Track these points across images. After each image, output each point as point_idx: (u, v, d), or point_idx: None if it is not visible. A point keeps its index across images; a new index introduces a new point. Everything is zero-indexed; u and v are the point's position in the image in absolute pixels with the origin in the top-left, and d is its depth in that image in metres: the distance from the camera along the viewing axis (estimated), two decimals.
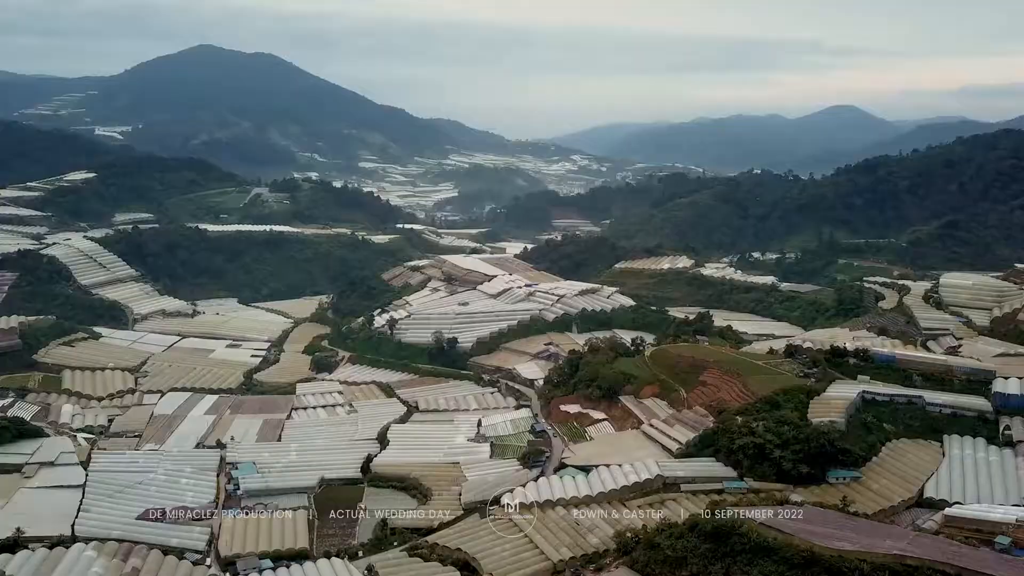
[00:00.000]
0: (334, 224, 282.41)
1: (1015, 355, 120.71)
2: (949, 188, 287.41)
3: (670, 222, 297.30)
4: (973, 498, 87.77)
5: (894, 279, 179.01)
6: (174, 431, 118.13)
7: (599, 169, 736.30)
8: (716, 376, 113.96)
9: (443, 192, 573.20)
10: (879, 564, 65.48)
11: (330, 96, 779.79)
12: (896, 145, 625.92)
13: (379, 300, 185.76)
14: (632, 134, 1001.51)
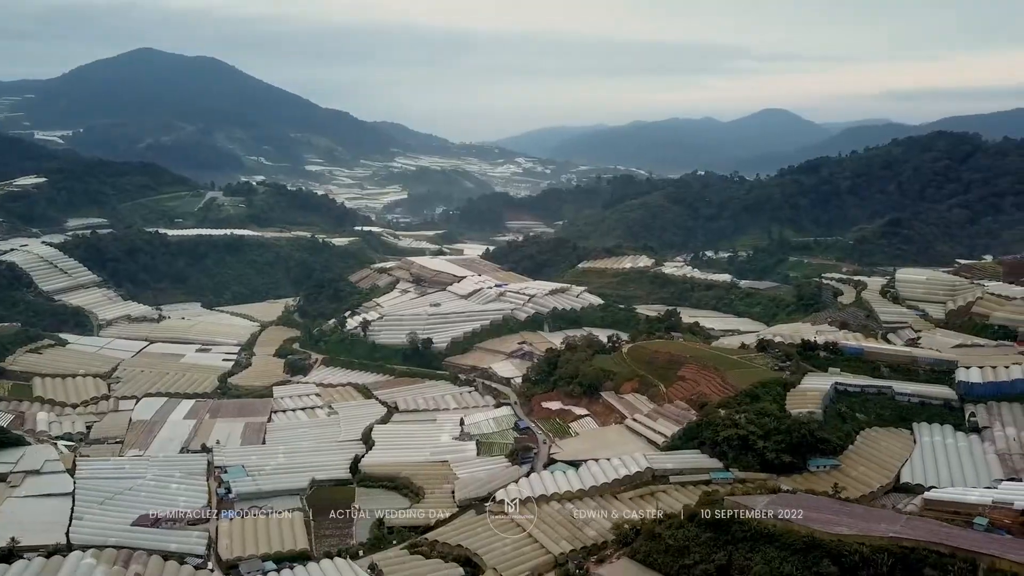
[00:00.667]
0: (291, 227, 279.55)
1: (972, 346, 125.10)
2: (888, 188, 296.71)
3: (623, 223, 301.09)
4: (947, 482, 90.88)
5: (849, 275, 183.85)
6: (156, 436, 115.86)
7: (544, 171, 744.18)
8: (694, 371, 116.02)
9: (391, 194, 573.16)
10: (877, 547, 67.31)
11: (275, 100, 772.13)
12: (826, 147, 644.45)
13: (347, 302, 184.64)
14: (572, 137, 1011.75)
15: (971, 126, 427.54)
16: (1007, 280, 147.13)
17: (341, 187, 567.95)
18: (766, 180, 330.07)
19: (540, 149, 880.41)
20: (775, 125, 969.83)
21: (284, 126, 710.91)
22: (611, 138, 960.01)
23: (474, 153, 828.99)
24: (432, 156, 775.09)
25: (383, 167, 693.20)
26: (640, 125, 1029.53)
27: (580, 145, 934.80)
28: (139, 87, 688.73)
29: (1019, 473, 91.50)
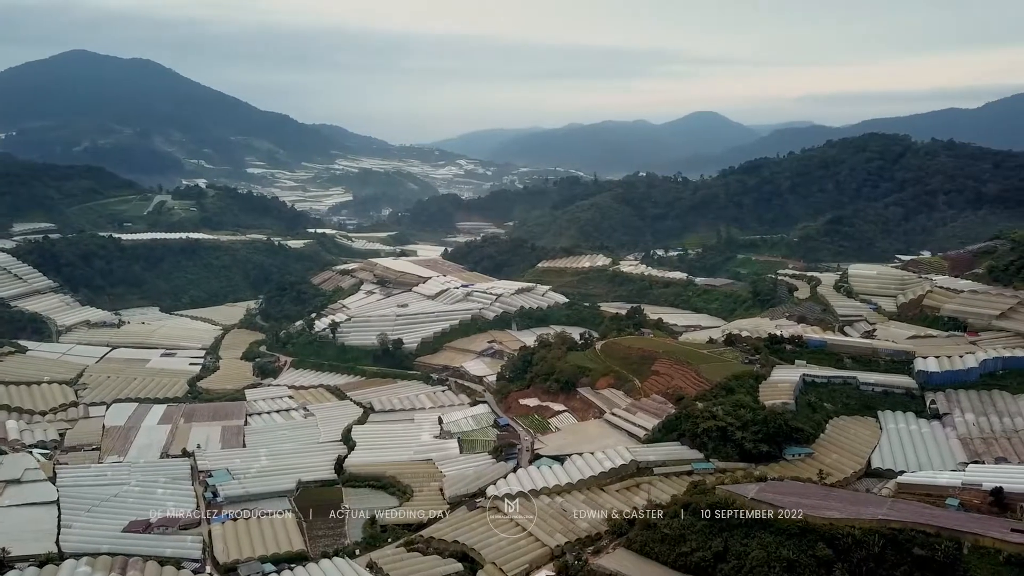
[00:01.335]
0: (243, 230, 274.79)
1: (925, 336, 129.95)
2: (827, 187, 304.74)
3: (575, 223, 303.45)
4: (914, 467, 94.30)
5: (802, 272, 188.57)
6: (133, 442, 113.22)
7: (485, 173, 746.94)
8: (667, 366, 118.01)
9: (334, 196, 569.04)
10: (867, 529, 69.67)
11: (213, 102, 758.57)
12: (755, 148, 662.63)
13: (311, 304, 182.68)
14: (508, 139, 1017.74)
15: (890, 127, 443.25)
16: (952, 274, 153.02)
17: (284, 190, 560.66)
18: (710, 180, 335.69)
19: (478, 151, 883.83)
20: (706, 127, 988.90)
21: (224, 129, 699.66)
22: (547, 140, 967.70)
23: (414, 155, 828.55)
24: (373, 158, 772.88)
25: (325, 169, 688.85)
26: (575, 127, 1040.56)
27: (517, 147, 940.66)
28: (73, 89, 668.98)
29: (981, 456, 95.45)
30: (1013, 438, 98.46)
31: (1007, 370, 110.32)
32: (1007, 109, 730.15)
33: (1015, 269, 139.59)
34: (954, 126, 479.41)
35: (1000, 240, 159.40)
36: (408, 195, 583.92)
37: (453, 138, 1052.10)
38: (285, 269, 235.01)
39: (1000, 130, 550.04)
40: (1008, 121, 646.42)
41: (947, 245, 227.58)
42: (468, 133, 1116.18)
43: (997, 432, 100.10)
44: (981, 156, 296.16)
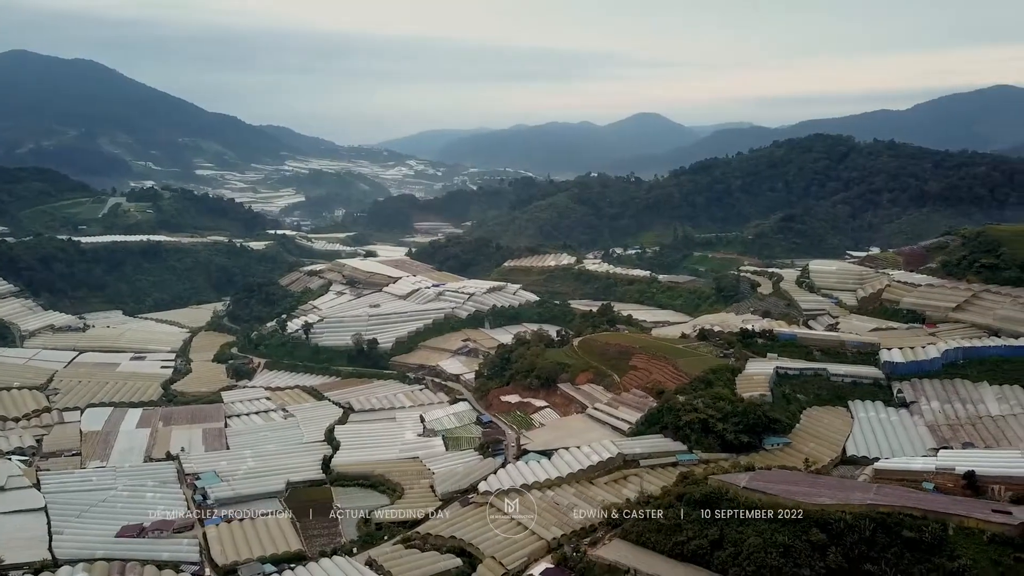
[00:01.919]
0: (201, 232, 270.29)
1: (887, 329, 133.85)
2: (777, 186, 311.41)
3: (534, 223, 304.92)
4: (887, 453, 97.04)
5: (763, 268, 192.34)
6: (113, 447, 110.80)
7: (435, 173, 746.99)
8: (645, 360, 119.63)
9: (285, 197, 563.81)
10: (858, 514, 71.46)
11: (159, 104, 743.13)
12: (698, 149, 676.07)
13: (281, 305, 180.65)
14: (455, 140, 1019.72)
15: (826, 128, 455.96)
16: (907, 269, 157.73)
17: (234, 191, 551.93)
18: (663, 180, 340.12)
19: (426, 151, 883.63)
20: (649, 128, 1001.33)
21: (171, 130, 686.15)
22: (494, 141, 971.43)
23: (363, 156, 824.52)
24: (322, 159, 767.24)
25: (275, 170, 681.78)
26: (522, 128, 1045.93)
27: (464, 148, 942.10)
28: (14, 90, 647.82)
29: (949, 442, 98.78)
30: (977, 424, 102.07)
31: (967, 360, 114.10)
32: (936, 110, 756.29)
33: (967, 263, 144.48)
34: (886, 126, 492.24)
35: (950, 236, 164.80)
36: (360, 196, 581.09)
37: (400, 139, 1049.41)
38: (248, 271, 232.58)
39: (929, 131, 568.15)
40: (937, 122, 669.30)
41: (893, 241, 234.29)
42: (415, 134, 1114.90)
43: (962, 419, 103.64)
44: (921, 156, 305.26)
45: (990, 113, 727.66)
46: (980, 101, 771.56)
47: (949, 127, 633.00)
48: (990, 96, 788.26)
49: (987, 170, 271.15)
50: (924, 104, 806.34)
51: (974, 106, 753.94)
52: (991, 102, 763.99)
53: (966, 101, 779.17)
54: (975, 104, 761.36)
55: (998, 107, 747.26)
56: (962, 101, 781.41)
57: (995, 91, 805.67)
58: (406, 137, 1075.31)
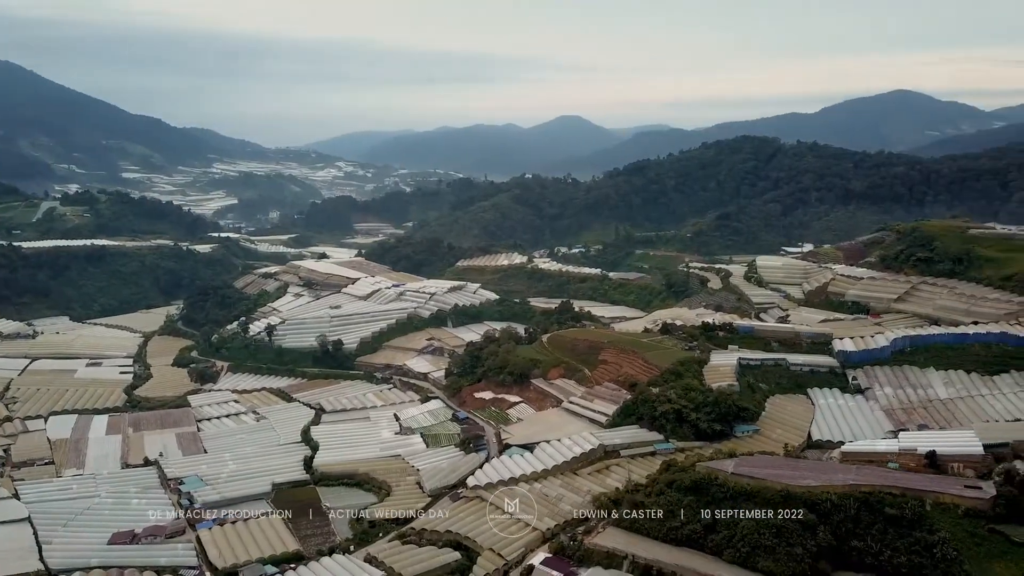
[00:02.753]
0: (142, 236, 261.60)
1: (835, 320, 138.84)
2: (709, 186, 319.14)
3: (478, 223, 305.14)
4: (849, 437, 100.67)
5: (710, 264, 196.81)
6: (86, 454, 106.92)
7: (365, 175, 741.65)
8: (614, 354, 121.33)
9: (216, 200, 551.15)
10: (842, 494, 74.24)
11: (80, 105, 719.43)
12: (620, 150, 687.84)
13: (237, 308, 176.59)
14: (382, 142, 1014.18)
15: (740, 130, 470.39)
16: (847, 263, 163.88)
17: (163, 194, 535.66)
18: (600, 181, 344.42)
19: (351, 153, 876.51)
20: (571, 130, 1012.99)
21: (94, 133, 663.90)
22: (420, 142, 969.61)
23: (292, 157, 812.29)
24: (250, 161, 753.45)
25: (203, 173, 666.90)
26: (447, 130, 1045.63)
27: (390, 149, 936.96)
28: None
29: (905, 424, 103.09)
30: (928, 407, 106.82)
31: (914, 347, 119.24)
32: (841, 113, 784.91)
33: (904, 257, 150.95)
34: (797, 128, 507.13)
35: (886, 232, 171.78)
36: (292, 198, 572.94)
37: (326, 140, 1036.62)
38: (196, 274, 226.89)
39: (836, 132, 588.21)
40: (843, 124, 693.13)
41: (824, 237, 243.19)
42: (340, 136, 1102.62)
43: (914, 402, 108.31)
44: (842, 156, 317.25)
45: (891, 116, 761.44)
46: (882, 104, 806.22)
47: (854, 129, 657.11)
48: (891, 100, 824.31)
49: (905, 170, 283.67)
50: (831, 107, 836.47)
51: (876, 109, 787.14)
52: (892, 106, 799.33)
53: (869, 105, 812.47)
54: (877, 107, 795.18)
55: (898, 110, 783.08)
56: (865, 105, 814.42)
57: (895, 95, 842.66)
58: (332, 139, 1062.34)
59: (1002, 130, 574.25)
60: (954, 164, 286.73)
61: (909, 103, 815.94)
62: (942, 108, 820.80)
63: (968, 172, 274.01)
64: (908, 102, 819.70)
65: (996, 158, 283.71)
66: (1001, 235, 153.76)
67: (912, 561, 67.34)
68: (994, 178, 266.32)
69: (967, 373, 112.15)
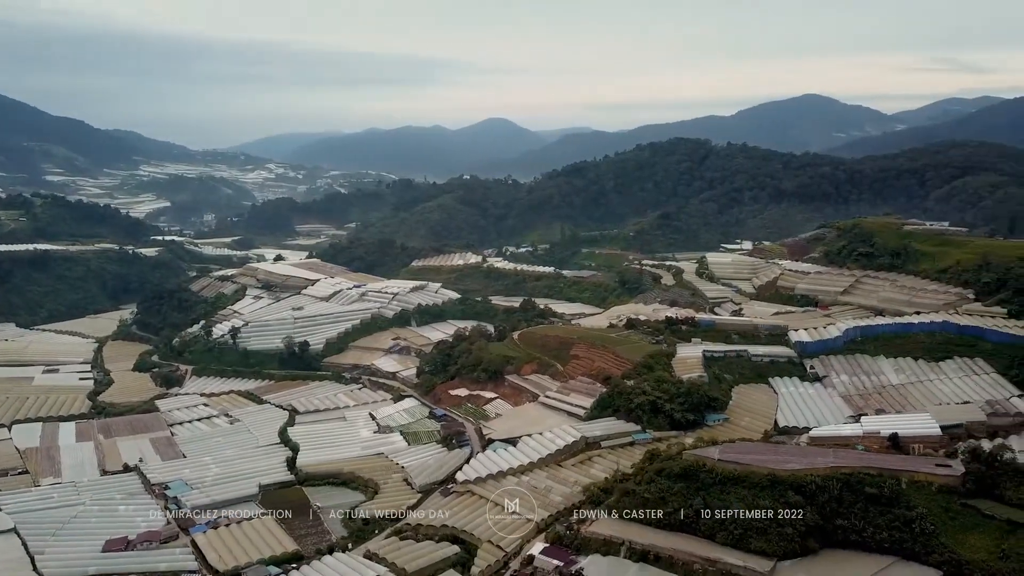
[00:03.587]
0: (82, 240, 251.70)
1: (786, 313, 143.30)
2: (647, 187, 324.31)
3: (424, 223, 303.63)
4: (813, 422, 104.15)
5: (659, 262, 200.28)
6: (61, 462, 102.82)
7: (296, 176, 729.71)
8: (585, 349, 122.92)
9: (147, 203, 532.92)
10: (825, 475, 77.09)
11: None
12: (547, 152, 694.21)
13: (195, 311, 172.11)
14: (308, 143, 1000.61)
15: (662, 132, 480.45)
16: (792, 259, 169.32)
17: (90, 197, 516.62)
18: (542, 182, 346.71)
19: (278, 155, 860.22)
20: (498, 132, 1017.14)
21: (13, 135, 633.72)
22: (347, 144, 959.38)
23: (220, 160, 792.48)
24: (177, 164, 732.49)
25: (130, 176, 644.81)
26: (375, 132, 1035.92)
27: (317, 151, 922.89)
28: None
29: (863, 409, 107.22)
30: (883, 392, 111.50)
31: (864, 337, 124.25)
32: (756, 116, 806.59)
33: (847, 252, 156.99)
34: (714, 130, 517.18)
35: (827, 229, 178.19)
36: (226, 200, 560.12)
37: (251, 142, 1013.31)
38: (144, 278, 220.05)
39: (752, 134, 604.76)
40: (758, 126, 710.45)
41: (759, 235, 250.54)
42: (265, 137, 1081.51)
43: (869, 389, 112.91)
44: (771, 157, 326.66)
45: (802, 118, 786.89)
46: (793, 108, 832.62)
47: (768, 131, 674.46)
48: (801, 103, 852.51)
49: (831, 170, 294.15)
50: (746, 110, 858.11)
51: (788, 112, 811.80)
52: (802, 109, 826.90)
53: (781, 108, 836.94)
54: (789, 110, 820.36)
55: (808, 113, 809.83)
56: (778, 108, 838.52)
57: (805, 99, 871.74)
58: (257, 140, 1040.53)
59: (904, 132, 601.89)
60: (875, 164, 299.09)
61: (817, 106, 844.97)
62: (848, 111, 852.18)
63: (888, 172, 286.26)
64: (816, 105, 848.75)
65: (913, 159, 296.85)
66: (933, 231, 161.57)
67: (893, 536, 70.50)
68: (912, 177, 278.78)
69: (915, 360, 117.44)
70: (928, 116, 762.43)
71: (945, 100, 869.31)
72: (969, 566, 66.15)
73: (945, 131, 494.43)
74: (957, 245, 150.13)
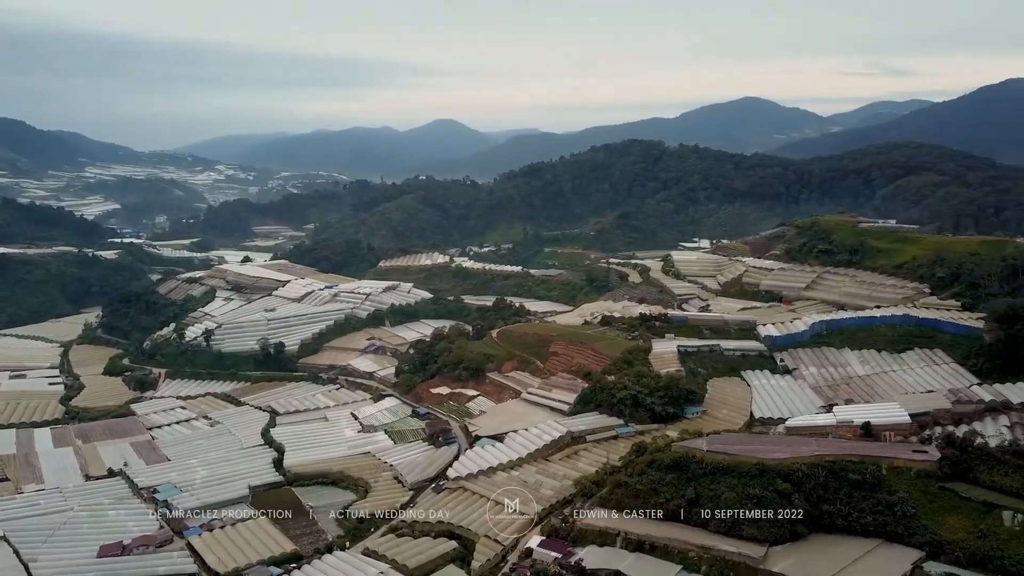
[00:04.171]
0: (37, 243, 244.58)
1: (752, 308, 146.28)
2: (603, 187, 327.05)
3: (386, 224, 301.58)
4: (787, 412, 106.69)
5: (625, 260, 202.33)
6: (42, 468, 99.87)
7: (247, 178, 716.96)
8: (564, 346, 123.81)
9: (95, 205, 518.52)
10: (810, 464, 79.28)
11: None
12: (496, 153, 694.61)
13: (164, 314, 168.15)
14: (256, 145, 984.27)
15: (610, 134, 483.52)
16: (754, 256, 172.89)
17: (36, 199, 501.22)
18: (501, 183, 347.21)
19: (225, 156, 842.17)
20: (447, 133, 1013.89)
21: None
22: (296, 145, 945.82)
23: (167, 161, 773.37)
24: (124, 165, 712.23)
25: (76, 177, 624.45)
26: (324, 133, 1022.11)
27: (265, 152, 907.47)
28: None
29: (833, 400, 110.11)
30: (851, 383, 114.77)
31: (830, 330, 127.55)
32: (699, 117, 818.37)
33: (807, 249, 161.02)
34: (659, 132, 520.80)
35: (786, 227, 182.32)
36: (177, 202, 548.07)
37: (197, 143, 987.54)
38: (105, 281, 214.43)
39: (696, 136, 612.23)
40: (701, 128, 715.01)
41: (715, 233, 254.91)
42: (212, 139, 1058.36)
43: (837, 380, 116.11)
44: (723, 158, 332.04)
45: (743, 120, 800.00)
46: (734, 110, 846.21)
47: (713, 132, 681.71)
48: (742, 106, 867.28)
49: (781, 170, 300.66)
50: (689, 112, 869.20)
51: (730, 114, 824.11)
52: (743, 111, 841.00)
53: (723, 110, 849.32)
54: (730, 113, 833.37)
55: (749, 116, 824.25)
56: (720, 110, 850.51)
57: (745, 102, 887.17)
58: (204, 141, 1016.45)
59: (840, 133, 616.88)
60: (822, 165, 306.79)
61: (758, 109, 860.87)
62: (786, 113, 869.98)
63: (835, 172, 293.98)
64: (757, 108, 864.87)
65: (858, 159, 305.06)
66: (888, 228, 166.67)
67: (877, 520, 72.68)
68: (858, 177, 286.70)
69: (878, 352, 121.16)
70: (861, 118, 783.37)
71: (877, 103, 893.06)
72: (950, 546, 68.56)
73: (878, 132, 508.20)
74: (911, 242, 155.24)
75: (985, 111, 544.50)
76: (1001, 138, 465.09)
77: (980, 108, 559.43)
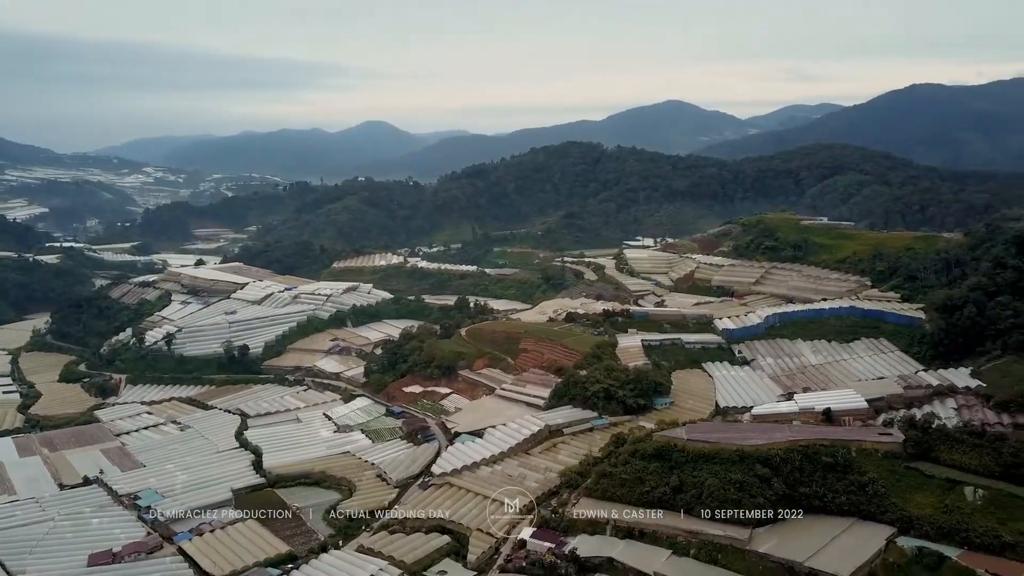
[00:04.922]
0: None
1: (706, 303, 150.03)
2: (546, 188, 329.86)
3: (332, 225, 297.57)
4: (750, 401, 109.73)
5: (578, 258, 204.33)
6: (11, 479, 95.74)
7: (177, 180, 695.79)
8: (533, 343, 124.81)
9: (19, 209, 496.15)
10: (786, 449, 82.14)
11: None
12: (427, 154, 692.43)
13: (118, 319, 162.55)
14: (179, 146, 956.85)
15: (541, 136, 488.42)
16: (703, 253, 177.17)
17: None
18: (445, 184, 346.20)
19: (151, 158, 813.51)
20: (377, 134, 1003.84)
21: None
22: (221, 147, 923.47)
23: (92, 164, 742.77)
24: (47, 168, 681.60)
25: None
26: (251, 135, 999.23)
27: (191, 154, 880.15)
28: None
29: (791, 388, 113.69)
30: (806, 372, 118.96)
31: (783, 323, 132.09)
32: (625, 120, 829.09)
33: (754, 246, 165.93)
34: (587, 134, 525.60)
35: (732, 224, 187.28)
36: (107, 205, 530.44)
37: (120, 145, 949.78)
38: (48, 287, 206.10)
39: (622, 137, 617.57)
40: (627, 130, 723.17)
41: (657, 232, 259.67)
42: (133, 140, 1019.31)
43: (793, 369, 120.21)
44: (659, 159, 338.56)
45: (667, 123, 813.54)
46: (659, 113, 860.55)
47: (639, 134, 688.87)
48: (666, 109, 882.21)
49: (716, 171, 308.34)
50: (616, 115, 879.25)
51: (655, 117, 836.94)
52: (666, 114, 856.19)
53: (648, 113, 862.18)
54: (655, 115, 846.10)
55: (672, 118, 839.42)
56: (645, 113, 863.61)
57: (669, 105, 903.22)
58: (126, 143, 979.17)
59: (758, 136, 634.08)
60: (754, 165, 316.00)
61: (680, 111, 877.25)
62: (707, 116, 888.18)
63: (767, 172, 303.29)
64: (679, 110, 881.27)
65: (787, 160, 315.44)
66: (828, 225, 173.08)
67: (851, 500, 76.13)
68: (788, 177, 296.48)
69: (828, 342, 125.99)
70: (778, 121, 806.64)
71: (791, 107, 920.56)
72: (918, 521, 72.20)
73: (794, 135, 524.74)
74: (850, 238, 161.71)
75: (893, 115, 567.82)
76: (911, 139, 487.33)
77: (888, 112, 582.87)
